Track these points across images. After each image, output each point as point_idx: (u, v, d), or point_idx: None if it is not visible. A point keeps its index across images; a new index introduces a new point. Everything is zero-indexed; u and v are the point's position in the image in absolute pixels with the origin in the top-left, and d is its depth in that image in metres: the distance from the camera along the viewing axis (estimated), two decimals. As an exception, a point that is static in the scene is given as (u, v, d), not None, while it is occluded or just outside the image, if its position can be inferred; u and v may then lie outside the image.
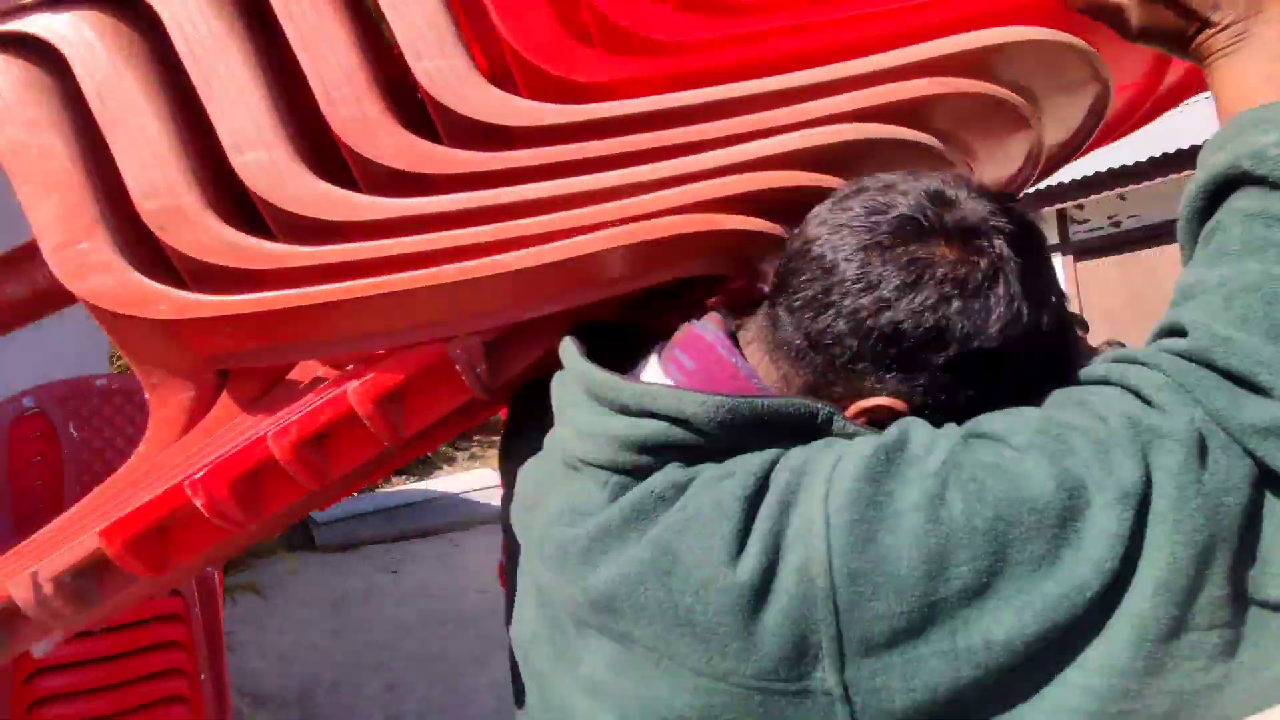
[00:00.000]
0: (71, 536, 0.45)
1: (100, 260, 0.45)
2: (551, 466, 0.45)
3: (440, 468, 11.33)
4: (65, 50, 0.42)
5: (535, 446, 0.48)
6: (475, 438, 12.43)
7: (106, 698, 1.68)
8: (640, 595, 0.36)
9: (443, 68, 0.42)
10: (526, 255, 0.39)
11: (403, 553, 7.82)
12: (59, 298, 0.62)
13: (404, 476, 10.93)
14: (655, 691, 0.36)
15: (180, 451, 0.50)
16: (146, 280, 0.45)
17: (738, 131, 0.41)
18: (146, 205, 0.45)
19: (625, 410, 0.39)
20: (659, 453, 0.38)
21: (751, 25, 0.43)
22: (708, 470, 0.37)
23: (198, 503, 0.43)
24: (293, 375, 0.53)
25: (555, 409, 0.44)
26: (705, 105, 0.42)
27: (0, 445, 1.87)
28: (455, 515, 9.24)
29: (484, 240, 0.41)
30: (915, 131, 0.43)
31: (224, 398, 0.51)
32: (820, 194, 0.41)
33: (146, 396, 0.52)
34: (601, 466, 0.40)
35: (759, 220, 0.40)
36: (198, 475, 0.44)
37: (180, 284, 0.46)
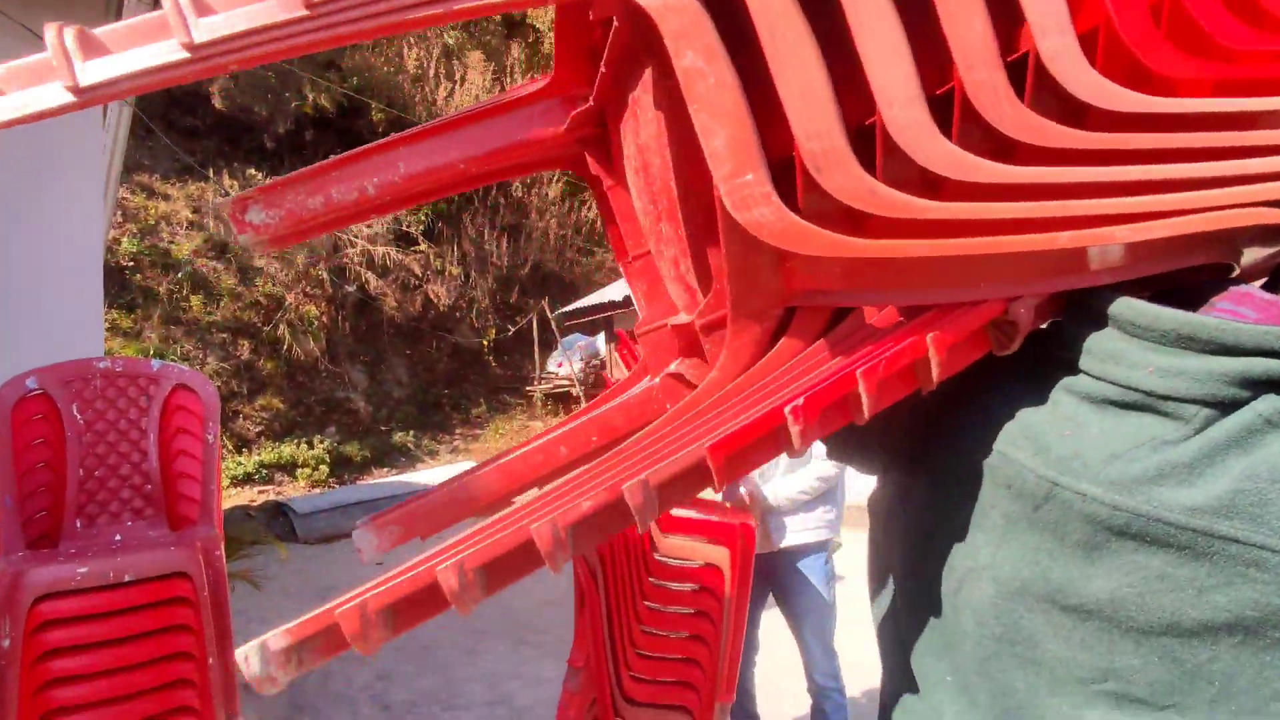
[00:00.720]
0: (674, 450, 0.50)
1: (762, 193, 0.48)
2: (1072, 409, 0.48)
3: (423, 460, 11.28)
4: None
5: (996, 401, 0.52)
6: (457, 431, 12.39)
7: (116, 680, 1.66)
8: (1259, 503, 0.39)
9: (1060, 47, 0.47)
10: (1121, 229, 0.44)
11: (387, 545, 7.79)
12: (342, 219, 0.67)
13: (387, 469, 10.88)
14: (1223, 600, 0.40)
15: (756, 377, 0.55)
16: (798, 218, 0.48)
17: None
18: (808, 145, 0.48)
19: (1231, 350, 0.42)
20: (1255, 387, 0.41)
21: None
22: None
23: (794, 427, 0.47)
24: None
25: (1095, 354, 0.47)
26: (1264, 114, 0.47)
27: (4, 426, 1.84)
28: (439, 508, 9.24)
29: (1075, 214, 0.45)
30: None
31: (790, 333, 0.55)
32: None
33: (727, 328, 0.57)
34: (1190, 400, 0.43)
35: None
36: (799, 401, 0.47)
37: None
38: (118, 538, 1.95)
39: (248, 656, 0.46)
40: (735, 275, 0.53)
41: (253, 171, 11.50)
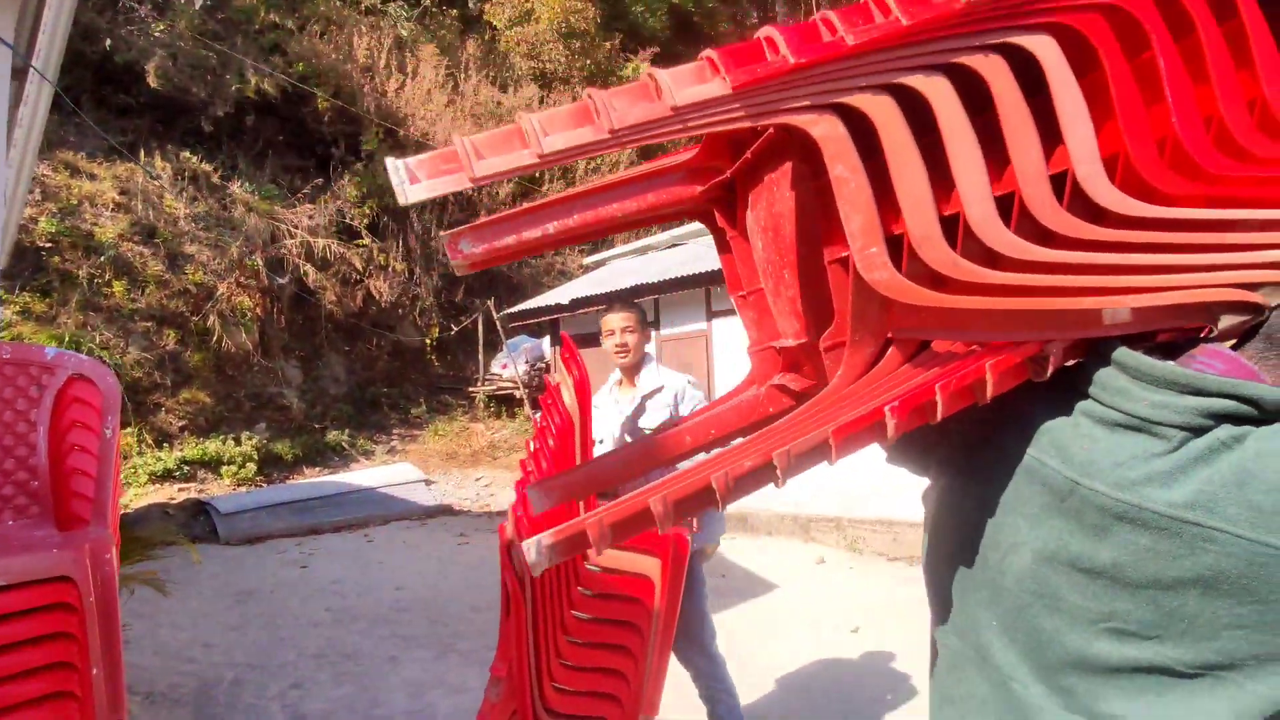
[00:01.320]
0: (804, 431, 0.69)
1: (882, 261, 0.71)
2: (1088, 429, 0.67)
3: (357, 460, 10.93)
4: (877, 118, 0.70)
5: (1032, 423, 0.71)
6: (395, 431, 12.08)
7: (-17, 693, 1.53)
8: (1213, 499, 0.58)
9: (1090, 171, 0.68)
10: (1129, 298, 0.61)
11: (314, 547, 7.49)
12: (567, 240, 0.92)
13: (319, 468, 10.51)
14: (1189, 564, 0.59)
15: (864, 386, 0.76)
16: (903, 278, 0.70)
17: (1256, 242, 0.64)
18: (913, 230, 0.71)
19: (1201, 392, 0.60)
20: (1218, 419, 0.60)
21: (1265, 172, 0.68)
22: (1255, 430, 0.59)
23: (890, 421, 0.66)
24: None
25: (1106, 389, 0.66)
26: (1238, 221, 0.66)
27: None
28: (372, 509, 8.93)
29: (1094, 285, 0.63)
30: None
31: (889, 356, 0.78)
32: None
33: (847, 350, 0.79)
34: (1171, 425, 0.61)
35: (1257, 295, 0.61)
36: (894, 403, 0.66)
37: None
38: (-3, 537, 1.80)
39: (529, 547, 0.66)
40: (856, 314, 0.76)
41: (187, 154, 11.01)
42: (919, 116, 0.70)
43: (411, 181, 0.67)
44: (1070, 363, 0.69)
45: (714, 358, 8.26)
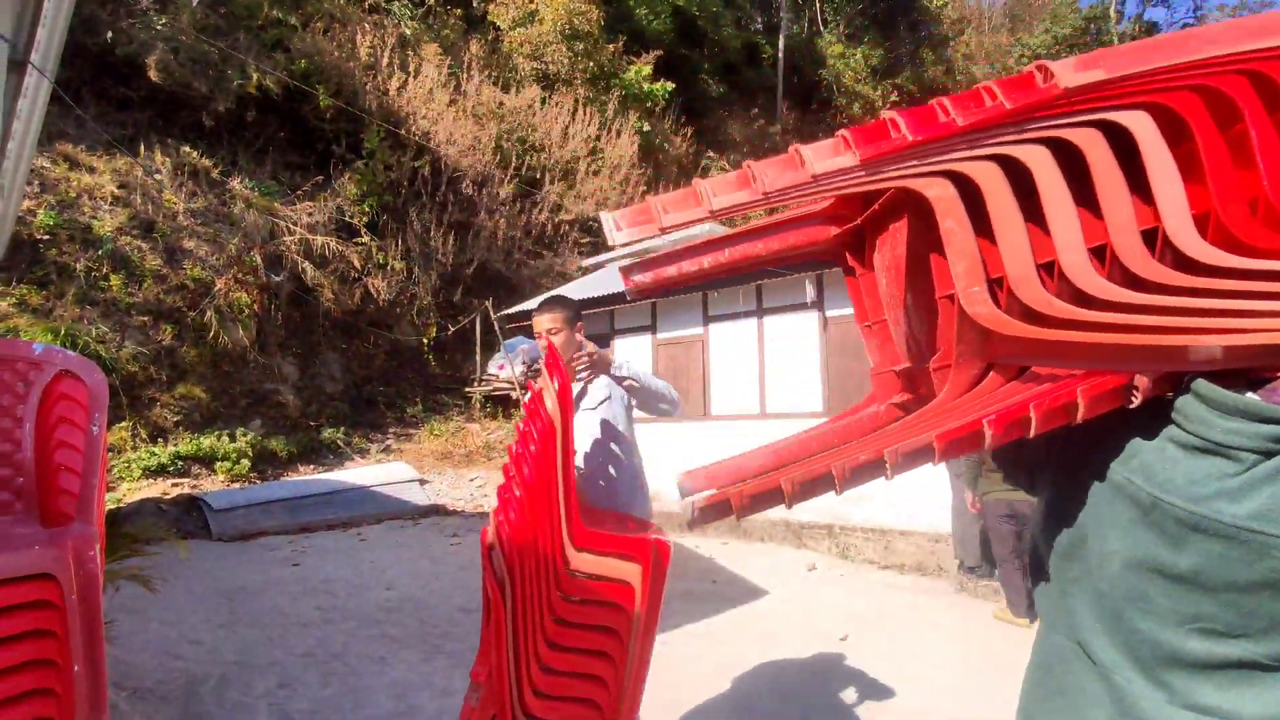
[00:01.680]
0: (912, 435, 0.82)
1: (984, 298, 0.82)
2: (1172, 452, 0.76)
3: (352, 458, 10.91)
4: (983, 182, 0.84)
5: (1122, 445, 0.82)
6: (391, 430, 12.06)
7: (-39, 689, 1.53)
8: (1278, 512, 0.67)
9: (1181, 227, 0.77)
10: (1213, 338, 0.68)
11: (307, 544, 7.48)
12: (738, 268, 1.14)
13: (313, 466, 10.48)
14: (1259, 569, 0.68)
15: (967, 401, 0.89)
16: (1003, 313, 0.81)
17: None
18: (1012, 273, 0.82)
19: (1272, 420, 0.69)
20: None
21: None
22: None
23: (988, 432, 0.78)
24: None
25: (1188, 416, 0.75)
26: None
27: None
28: (365, 508, 8.92)
29: (1182, 325, 0.70)
30: None
31: (990, 378, 0.90)
32: None
33: (952, 371, 0.93)
34: (1244, 449, 0.70)
35: None
36: (992, 416, 0.78)
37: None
38: (-19, 533, 1.80)
39: (686, 508, 0.84)
40: (960, 341, 0.88)
41: (187, 149, 11.01)
42: (1021, 180, 0.83)
43: (617, 229, 0.87)
44: (1159, 393, 0.81)
45: (710, 362, 8.26)
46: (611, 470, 2.67)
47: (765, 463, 1.04)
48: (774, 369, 7.69)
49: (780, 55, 22.09)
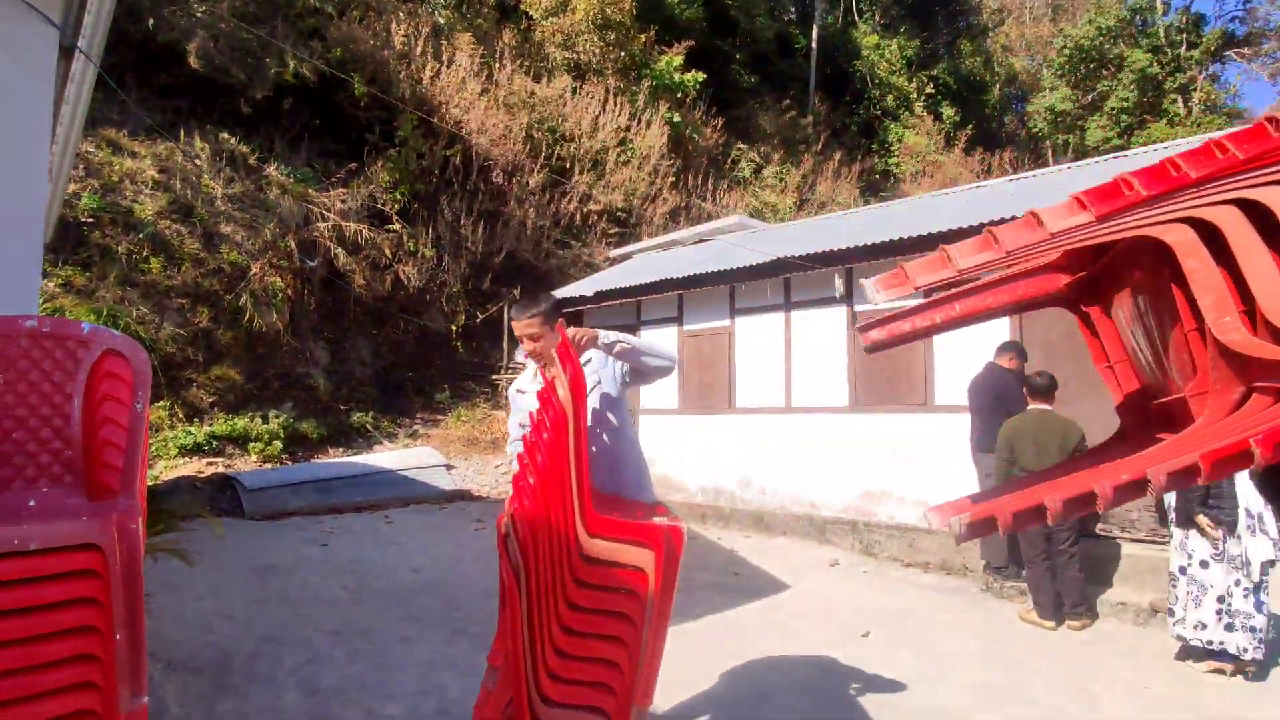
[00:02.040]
0: (1177, 455, 0.84)
1: (1236, 326, 0.89)
2: None
3: (380, 442, 11.09)
4: (1225, 225, 0.91)
5: None
6: (419, 415, 12.23)
7: (13, 651, 1.60)
8: None
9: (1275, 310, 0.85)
10: None
11: (335, 525, 7.64)
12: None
13: (342, 449, 10.68)
14: None
15: (1232, 422, 0.91)
16: (1257, 338, 0.86)
17: None
18: (1264, 304, 0.86)
19: None
20: None
21: None
22: None
23: (1256, 450, 0.78)
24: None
25: None
26: None
27: (-85, 380, 1.76)
28: (392, 491, 9.08)
29: None
30: None
31: (1253, 401, 0.92)
32: None
33: (1209, 396, 1.00)
34: None
35: None
36: (1259, 436, 0.79)
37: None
38: (31, 503, 1.88)
39: (952, 523, 0.90)
40: (1215, 368, 0.94)
41: (225, 135, 11.22)
42: (1265, 220, 0.90)
43: (876, 292, 0.99)
44: None
45: (736, 355, 8.25)
46: (605, 452, 2.60)
47: (1007, 492, 1.08)
48: (800, 363, 7.65)
49: (814, 46, 21.82)
